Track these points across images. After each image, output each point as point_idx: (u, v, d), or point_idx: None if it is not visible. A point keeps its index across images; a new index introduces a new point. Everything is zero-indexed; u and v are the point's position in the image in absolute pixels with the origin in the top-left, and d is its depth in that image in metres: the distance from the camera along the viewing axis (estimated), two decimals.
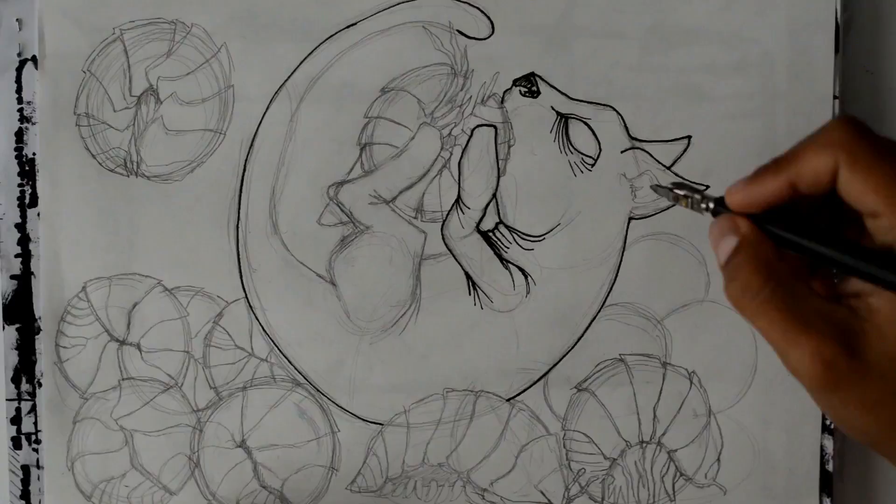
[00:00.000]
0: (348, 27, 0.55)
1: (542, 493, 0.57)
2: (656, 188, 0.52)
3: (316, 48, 0.55)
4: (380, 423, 0.56)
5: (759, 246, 0.45)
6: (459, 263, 0.56)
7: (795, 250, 0.44)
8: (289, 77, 0.55)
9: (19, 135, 0.55)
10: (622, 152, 0.56)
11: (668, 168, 0.56)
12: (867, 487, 0.58)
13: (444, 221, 0.56)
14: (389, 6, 0.55)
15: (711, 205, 0.46)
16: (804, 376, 0.43)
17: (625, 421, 0.57)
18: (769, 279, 0.43)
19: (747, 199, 0.45)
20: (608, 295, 0.56)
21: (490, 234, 0.56)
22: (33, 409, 0.55)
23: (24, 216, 0.55)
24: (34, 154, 0.55)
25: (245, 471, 0.56)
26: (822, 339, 0.42)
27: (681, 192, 0.48)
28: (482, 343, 0.56)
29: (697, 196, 0.47)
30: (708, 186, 0.56)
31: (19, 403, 0.55)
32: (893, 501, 0.58)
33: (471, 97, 0.55)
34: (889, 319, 0.42)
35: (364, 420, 0.56)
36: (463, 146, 0.55)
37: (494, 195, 0.56)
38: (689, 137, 0.56)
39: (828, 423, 0.56)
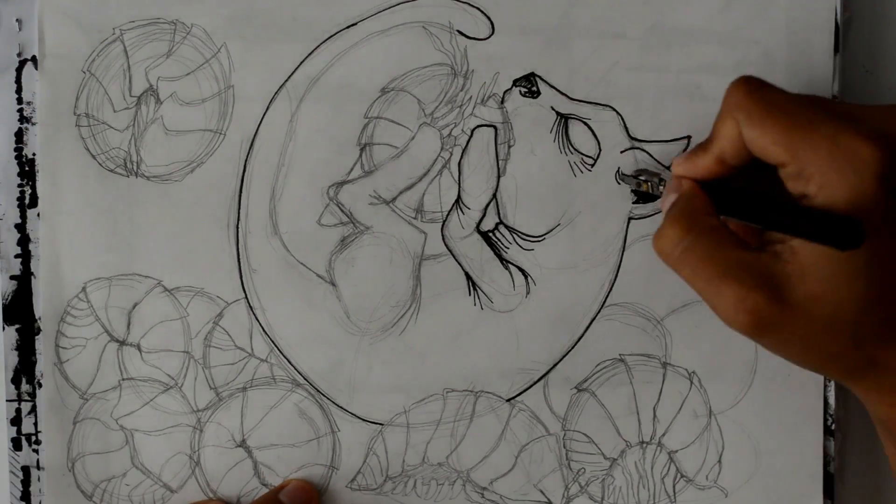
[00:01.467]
0: (348, 27, 0.55)
1: (541, 492, 0.57)
2: (623, 178, 0.55)
3: (316, 48, 0.55)
4: (380, 423, 0.56)
5: (690, 200, 0.48)
6: (459, 264, 0.56)
7: (734, 214, 0.47)
8: (289, 77, 0.55)
9: (19, 135, 0.55)
10: (622, 152, 0.56)
11: (669, 168, 0.56)
12: (868, 489, 0.58)
13: (444, 222, 0.56)
14: (389, 6, 0.55)
15: (663, 176, 0.51)
16: (732, 323, 0.45)
17: (625, 421, 0.57)
18: (690, 229, 0.46)
19: (685, 173, 0.49)
20: (608, 295, 0.56)
21: (490, 234, 0.56)
22: (33, 410, 0.55)
23: (24, 216, 0.55)
24: (34, 154, 0.55)
25: (245, 469, 0.56)
26: (744, 287, 0.44)
27: (642, 178, 0.53)
28: (482, 343, 0.56)
29: (655, 179, 0.52)
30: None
31: (19, 404, 0.55)
32: (894, 502, 0.58)
33: (471, 97, 0.55)
34: (809, 260, 0.44)
35: (364, 420, 0.56)
36: (463, 146, 0.55)
37: (494, 195, 0.56)
38: (689, 137, 0.56)
39: (829, 424, 0.56)
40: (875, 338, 0.45)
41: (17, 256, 0.55)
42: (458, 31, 0.55)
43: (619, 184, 0.55)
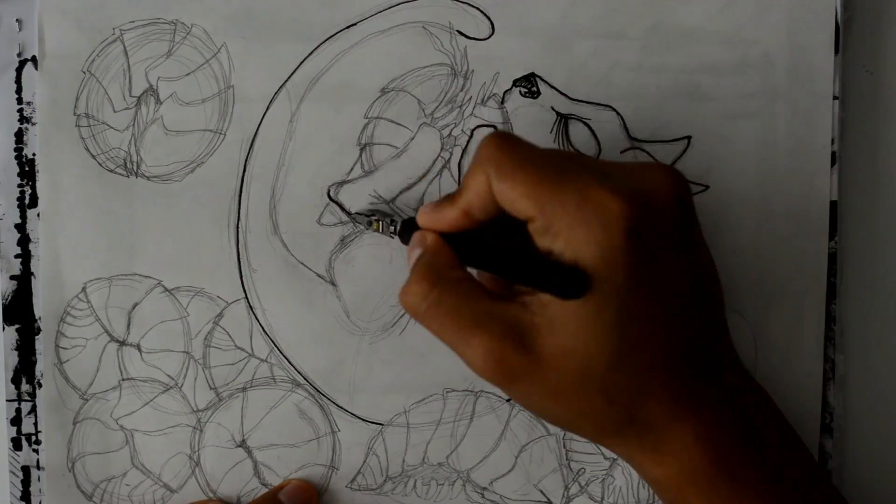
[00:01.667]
0: (348, 27, 0.55)
1: (541, 492, 0.57)
2: (354, 217, 0.55)
3: (316, 48, 0.55)
4: (380, 424, 0.56)
5: (435, 255, 0.47)
6: None
7: (474, 264, 0.47)
8: (289, 77, 0.55)
9: (19, 135, 0.55)
10: (622, 152, 0.56)
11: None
12: (868, 488, 0.58)
13: None
14: (389, 6, 0.55)
15: (398, 227, 0.52)
16: (483, 373, 0.44)
17: None
18: (436, 283, 0.46)
19: (431, 225, 0.48)
20: None
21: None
22: (33, 410, 0.55)
23: (23, 216, 0.55)
24: (34, 154, 0.55)
25: (245, 469, 0.56)
26: (491, 337, 0.44)
27: (374, 218, 0.53)
28: None
29: (387, 220, 0.53)
30: (707, 187, 0.56)
31: (19, 404, 0.55)
32: (894, 502, 0.58)
33: (471, 97, 0.55)
34: (558, 314, 0.44)
35: (364, 420, 0.56)
36: (463, 146, 0.55)
37: None
38: (689, 137, 0.56)
39: (827, 422, 0.56)
40: (628, 394, 0.44)
41: (17, 256, 0.55)
42: (458, 31, 0.55)
43: (352, 221, 0.55)
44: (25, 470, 0.55)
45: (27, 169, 0.55)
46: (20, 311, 0.55)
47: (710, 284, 0.47)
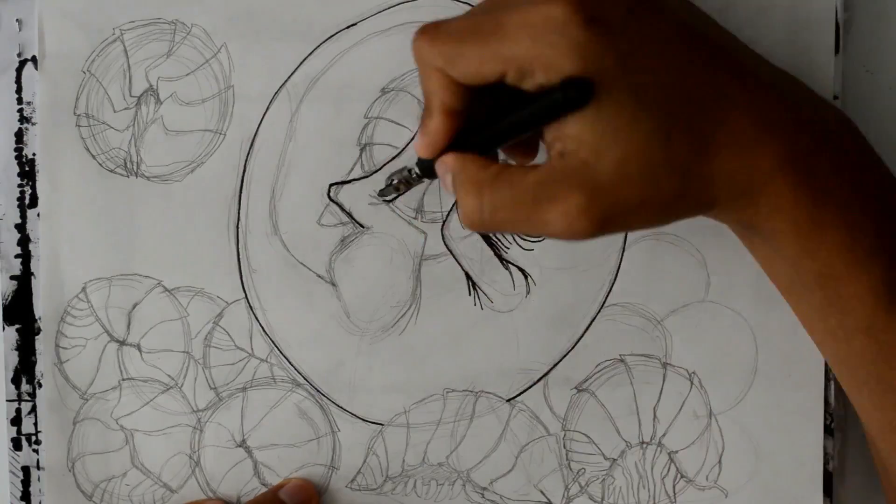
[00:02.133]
0: (348, 27, 0.55)
1: (541, 492, 0.57)
2: (381, 193, 0.54)
3: (316, 48, 0.55)
4: (380, 424, 0.56)
5: (463, 167, 0.46)
6: (459, 264, 0.56)
7: (493, 145, 0.46)
8: (289, 77, 0.55)
9: (19, 135, 0.55)
10: None
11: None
12: (868, 489, 0.58)
13: (444, 221, 0.56)
14: (389, 6, 0.55)
15: (417, 170, 0.49)
16: (576, 236, 0.43)
17: (625, 421, 0.56)
18: (481, 192, 0.45)
19: (431, 147, 0.47)
20: (608, 295, 0.56)
21: (490, 234, 0.56)
22: (33, 410, 0.55)
23: (24, 216, 0.55)
24: (34, 154, 0.55)
25: (245, 469, 0.56)
26: (561, 199, 0.43)
27: (395, 179, 0.51)
28: (482, 343, 0.56)
29: (406, 172, 0.50)
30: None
31: (19, 404, 0.55)
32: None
33: None
34: (592, 135, 0.43)
35: (364, 420, 0.56)
36: None
37: None
38: None
39: (829, 423, 0.56)
40: (687, 161, 0.44)
41: (17, 256, 0.55)
42: None
43: (382, 201, 0.55)
44: (25, 470, 0.55)
45: (27, 169, 0.55)
46: (20, 311, 0.55)
47: (700, 18, 0.47)
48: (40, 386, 0.55)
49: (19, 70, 0.55)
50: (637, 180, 0.43)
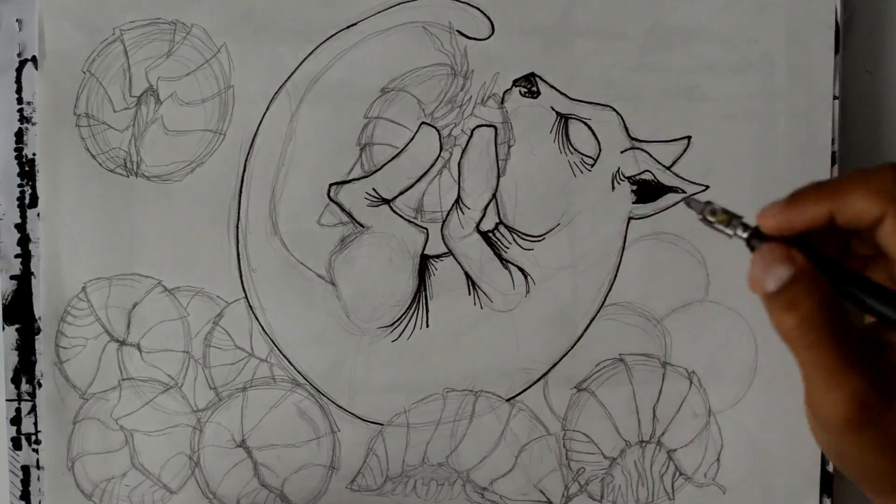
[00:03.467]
0: (348, 27, 0.55)
1: (541, 491, 0.57)
2: (690, 202, 0.47)
3: (316, 48, 0.55)
4: (380, 423, 0.56)
5: (816, 284, 0.43)
6: (459, 263, 0.56)
7: (854, 299, 0.43)
8: (289, 77, 0.55)
9: (19, 135, 0.55)
10: (622, 152, 0.56)
11: (669, 168, 0.56)
12: None
13: (444, 221, 0.56)
14: (389, 6, 0.55)
15: (745, 234, 0.45)
16: (834, 415, 0.41)
17: (624, 421, 0.57)
18: (825, 315, 0.42)
19: (785, 224, 0.44)
20: (608, 295, 0.56)
21: (490, 234, 0.56)
22: (33, 410, 0.55)
23: (24, 216, 0.55)
24: (34, 154, 0.55)
25: (245, 470, 0.56)
26: (863, 382, 0.41)
27: (714, 217, 0.45)
28: (482, 343, 0.56)
29: (735, 220, 0.45)
30: (707, 187, 0.56)
31: (19, 404, 0.55)
32: None
33: (471, 97, 0.55)
34: None
35: (364, 420, 0.56)
36: (463, 146, 0.55)
37: (494, 195, 0.56)
38: (688, 138, 0.56)
39: None
40: None
41: (17, 256, 0.55)
42: (458, 31, 0.55)
43: (687, 206, 0.49)
44: (25, 470, 0.55)
45: (27, 169, 0.55)
46: (20, 311, 0.55)
47: None
48: (40, 386, 0.55)
49: (19, 70, 0.55)
50: None
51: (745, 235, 0.44)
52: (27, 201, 0.55)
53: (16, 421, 0.55)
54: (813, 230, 0.43)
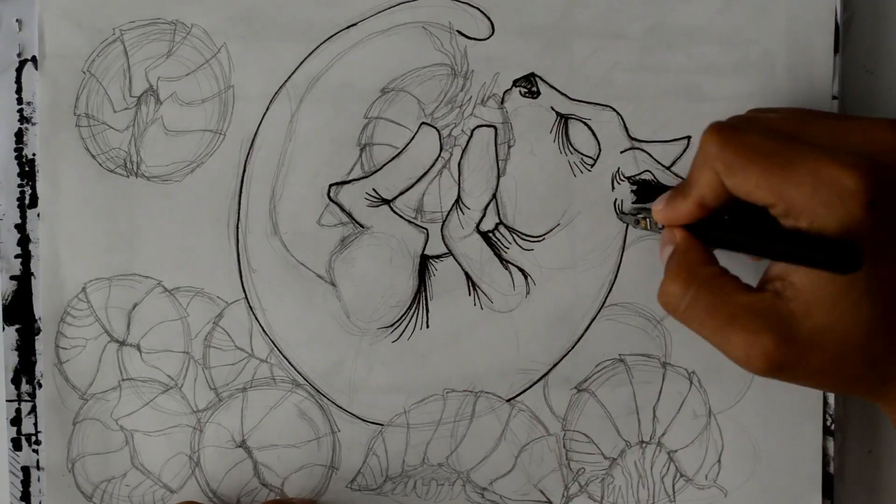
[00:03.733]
0: (348, 27, 0.55)
1: (541, 492, 0.57)
2: (621, 216, 0.55)
3: (316, 48, 0.55)
4: (380, 424, 0.56)
5: (685, 253, 0.48)
6: (459, 264, 0.56)
7: (729, 248, 0.47)
8: (289, 77, 0.55)
9: (19, 135, 0.55)
10: (622, 152, 0.56)
11: (668, 168, 0.56)
12: (868, 489, 0.58)
13: (443, 221, 0.56)
14: (389, 6, 0.55)
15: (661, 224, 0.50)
16: (747, 367, 0.45)
17: (624, 421, 0.57)
18: (691, 282, 0.47)
19: (669, 220, 0.49)
20: (608, 295, 0.56)
21: (490, 234, 0.56)
22: (33, 410, 0.55)
23: (24, 217, 0.55)
24: (34, 154, 0.55)
25: (245, 469, 0.56)
26: (752, 332, 0.45)
27: (641, 216, 0.53)
28: (482, 343, 0.56)
29: (650, 216, 0.52)
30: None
31: (19, 404, 0.55)
32: (894, 502, 0.58)
33: (471, 98, 0.55)
34: (812, 295, 0.45)
35: (364, 420, 0.56)
36: (463, 146, 0.55)
37: (494, 195, 0.56)
38: (688, 138, 0.56)
39: (828, 424, 0.56)
40: (886, 356, 0.45)
41: (17, 256, 0.55)
42: (458, 31, 0.55)
43: (619, 219, 0.56)
44: (25, 470, 0.55)
45: (27, 169, 0.55)
46: (20, 311, 0.55)
47: None
48: (40, 386, 0.55)
49: (19, 70, 0.55)
50: (831, 357, 0.45)
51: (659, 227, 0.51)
52: (27, 201, 0.55)
53: (16, 421, 0.55)
54: (700, 217, 0.48)
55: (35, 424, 0.55)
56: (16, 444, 0.55)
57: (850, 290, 0.44)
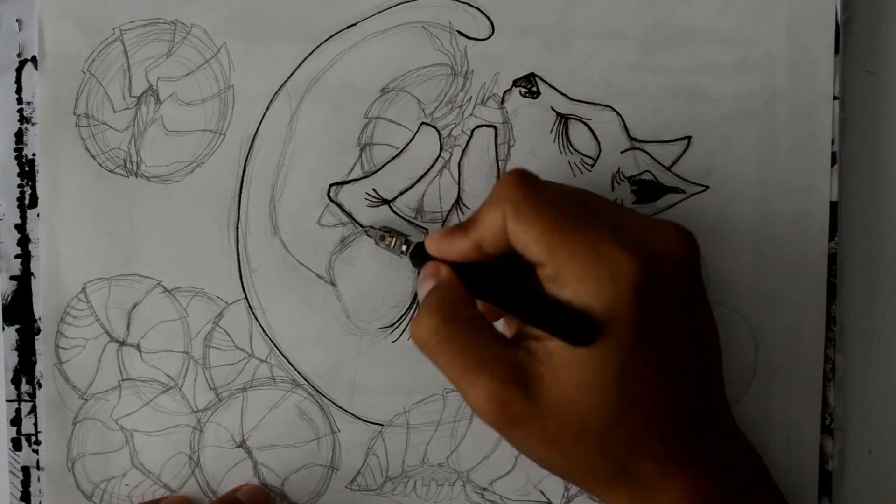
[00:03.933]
0: (348, 27, 0.55)
1: (541, 492, 0.57)
2: (367, 230, 0.55)
3: (316, 48, 0.55)
4: (380, 424, 0.56)
5: (447, 290, 0.47)
6: None
7: (489, 300, 0.47)
8: (289, 77, 0.55)
9: (19, 135, 0.55)
10: (622, 153, 0.56)
11: (668, 168, 0.56)
12: (867, 488, 0.58)
13: (443, 222, 0.56)
14: (389, 6, 0.55)
15: (410, 248, 0.52)
16: (483, 415, 0.45)
17: None
18: (448, 320, 0.46)
19: (440, 253, 0.48)
20: None
21: None
22: (33, 410, 0.55)
23: (23, 217, 0.55)
24: (34, 154, 0.55)
25: (245, 469, 0.56)
26: (496, 381, 0.44)
27: (388, 235, 0.53)
28: None
29: (401, 239, 0.53)
30: (707, 187, 0.56)
31: (19, 404, 0.55)
32: (894, 503, 0.58)
33: (471, 98, 0.55)
34: (564, 364, 0.44)
35: (364, 420, 0.56)
36: (463, 147, 0.55)
37: None
38: (689, 138, 0.56)
39: (828, 423, 0.56)
40: (625, 448, 0.45)
41: (17, 256, 0.55)
42: (458, 31, 0.55)
43: (366, 234, 0.55)
44: (25, 470, 0.55)
45: (27, 169, 0.55)
46: (20, 311, 0.55)
47: (710, 342, 0.48)
48: (40, 386, 0.55)
49: (19, 70, 0.55)
50: (571, 432, 0.44)
51: (404, 250, 0.52)
52: (27, 201, 0.55)
53: (16, 421, 0.55)
54: (473, 259, 0.47)
55: (35, 424, 0.55)
56: (16, 444, 0.55)
57: (600, 372, 0.44)
